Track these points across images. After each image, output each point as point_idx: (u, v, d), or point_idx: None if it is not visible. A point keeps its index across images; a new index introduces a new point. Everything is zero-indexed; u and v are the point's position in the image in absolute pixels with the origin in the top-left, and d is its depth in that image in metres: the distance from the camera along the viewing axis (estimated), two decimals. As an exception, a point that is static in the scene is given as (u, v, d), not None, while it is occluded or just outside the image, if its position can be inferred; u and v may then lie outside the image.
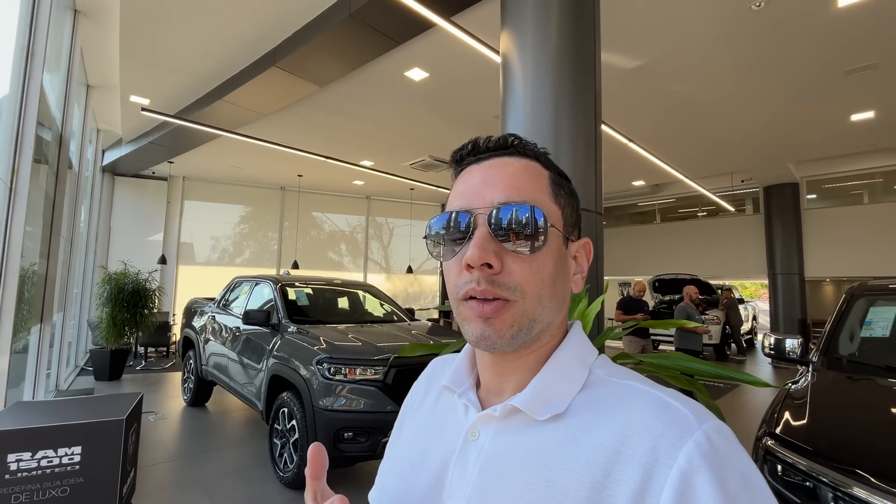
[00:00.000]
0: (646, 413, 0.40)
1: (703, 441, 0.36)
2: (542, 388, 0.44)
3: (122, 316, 6.30)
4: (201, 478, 3.23)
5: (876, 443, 1.40)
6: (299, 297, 4.42)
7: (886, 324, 2.08)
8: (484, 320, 0.43)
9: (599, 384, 0.45)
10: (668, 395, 0.41)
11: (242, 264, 10.65)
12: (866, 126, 6.43)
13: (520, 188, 0.45)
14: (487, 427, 0.46)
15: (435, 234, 0.47)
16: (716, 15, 3.89)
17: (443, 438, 0.50)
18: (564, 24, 2.64)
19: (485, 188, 0.46)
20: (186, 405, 5.09)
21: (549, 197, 0.47)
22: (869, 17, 3.85)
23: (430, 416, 0.55)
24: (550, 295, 0.45)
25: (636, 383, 0.44)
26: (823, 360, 2.04)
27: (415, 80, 5.15)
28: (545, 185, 0.48)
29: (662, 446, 0.37)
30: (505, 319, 0.43)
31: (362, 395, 2.94)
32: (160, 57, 4.90)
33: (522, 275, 0.43)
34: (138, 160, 8.24)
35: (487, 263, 0.43)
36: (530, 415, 0.43)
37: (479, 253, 0.42)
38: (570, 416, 0.43)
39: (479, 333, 0.44)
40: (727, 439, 0.38)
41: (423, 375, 0.63)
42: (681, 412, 0.39)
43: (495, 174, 0.47)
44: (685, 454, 0.36)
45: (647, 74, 4.93)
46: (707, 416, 0.39)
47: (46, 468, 1.63)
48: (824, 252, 9.44)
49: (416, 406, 0.59)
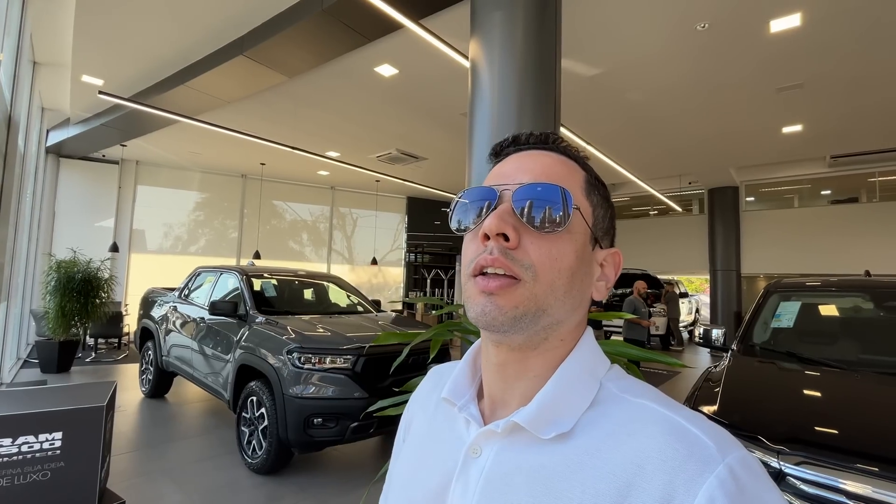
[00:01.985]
0: (662, 441, 0.36)
1: (727, 477, 0.33)
2: (548, 404, 0.41)
3: (71, 306, 6.05)
4: (167, 466, 3.27)
5: (774, 414, 1.71)
6: (266, 287, 4.45)
7: (791, 316, 2.44)
8: (487, 295, 0.41)
9: (611, 401, 0.42)
10: (687, 420, 0.38)
11: (198, 253, 10.32)
12: (795, 137, 7.09)
13: (551, 175, 0.45)
14: (490, 444, 0.43)
15: (460, 206, 0.47)
16: (666, 32, 4.21)
17: (444, 454, 0.47)
18: (529, 34, 2.85)
19: (518, 172, 0.45)
20: (145, 396, 5.00)
21: (581, 191, 0.46)
22: (797, 41, 4.29)
23: (430, 429, 0.52)
24: (566, 288, 0.42)
25: (652, 403, 0.40)
26: (740, 346, 2.38)
27: (384, 75, 5.22)
28: (579, 180, 0.47)
29: (680, 481, 0.34)
30: (509, 298, 0.41)
31: (331, 382, 3.07)
32: (119, 38, 4.71)
33: (538, 255, 0.42)
34: (87, 142, 7.81)
35: (504, 235, 0.41)
36: (534, 433, 0.41)
37: (497, 222, 0.41)
38: (576, 437, 0.40)
39: (479, 309, 0.42)
40: (753, 474, 0.35)
41: (423, 384, 0.60)
42: (701, 442, 0.36)
43: (530, 161, 0.46)
44: (706, 492, 0.33)
45: (605, 83, 5.25)
46: (732, 447, 0.36)
47: (27, 453, 1.69)
48: (759, 251, 10.30)
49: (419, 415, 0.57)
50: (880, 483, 1.28)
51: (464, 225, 0.46)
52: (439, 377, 0.58)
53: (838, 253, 9.26)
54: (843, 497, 1.31)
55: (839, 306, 2.50)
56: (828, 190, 10.00)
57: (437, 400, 0.54)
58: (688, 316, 11.64)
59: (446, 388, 0.50)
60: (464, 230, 0.46)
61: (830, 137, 7.19)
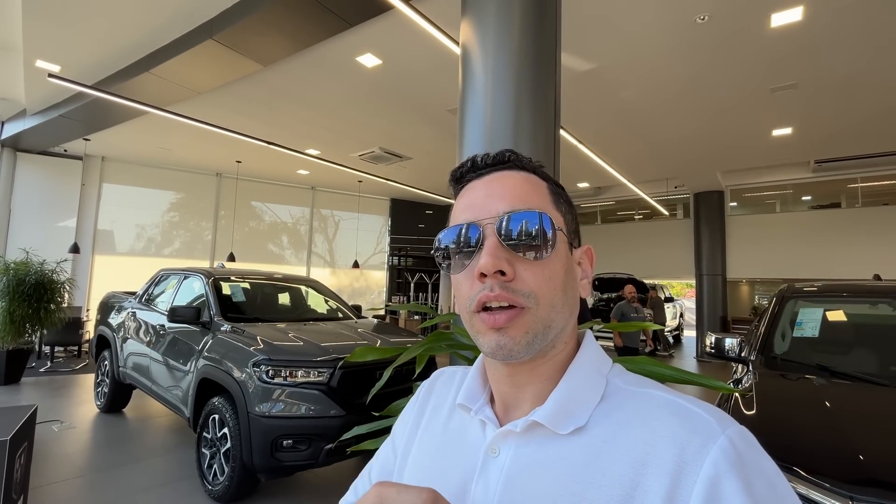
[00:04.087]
0: (669, 421, 0.40)
1: (728, 447, 0.37)
2: (564, 401, 0.44)
3: (22, 311, 5.54)
4: (113, 495, 2.86)
5: (832, 448, 1.44)
6: (235, 292, 4.07)
7: (815, 325, 2.22)
8: (497, 330, 0.43)
9: (618, 394, 0.45)
10: (688, 402, 0.41)
11: (171, 255, 9.79)
12: (784, 141, 7.04)
13: (523, 198, 0.46)
14: (507, 443, 0.45)
15: (444, 248, 0.48)
16: (665, 25, 4.02)
17: (460, 457, 0.49)
18: (527, 15, 2.58)
19: (490, 200, 0.46)
20: (100, 411, 4.55)
21: (551, 205, 0.48)
22: (797, 38, 4.16)
23: (443, 435, 0.53)
24: (562, 300, 0.45)
25: (655, 391, 0.44)
26: (761, 358, 2.14)
27: (367, 66, 4.92)
28: (546, 194, 0.49)
29: (688, 453, 0.37)
30: (519, 327, 0.43)
31: (304, 399, 2.73)
32: (75, 18, 4.29)
33: (536, 281, 0.43)
34: (46, 135, 7.27)
35: (500, 271, 0.43)
36: (553, 429, 0.43)
37: (491, 261, 0.43)
38: (592, 429, 0.43)
39: (494, 344, 0.43)
40: (751, 444, 0.38)
41: (422, 389, 0.61)
42: (703, 418, 0.39)
43: (498, 186, 0.47)
44: (711, 460, 0.36)
45: (598, 78, 5.05)
46: (729, 422, 0.39)
47: None
48: (743, 255, 10.30)
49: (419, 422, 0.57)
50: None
51: (454, 265, 0.47)
52: (448, 380, 0.59)
53: (820, 257, 9.31)
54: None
55: (865, 313, 2.30)
56: (809, 196, 10.08)
57: (449, 403, 0.55)
58: (672, 321, 11.58)
59: (461, 394, 0.52)
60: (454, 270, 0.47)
61: (817, 142, 7.17)
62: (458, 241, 0.46)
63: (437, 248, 0.49)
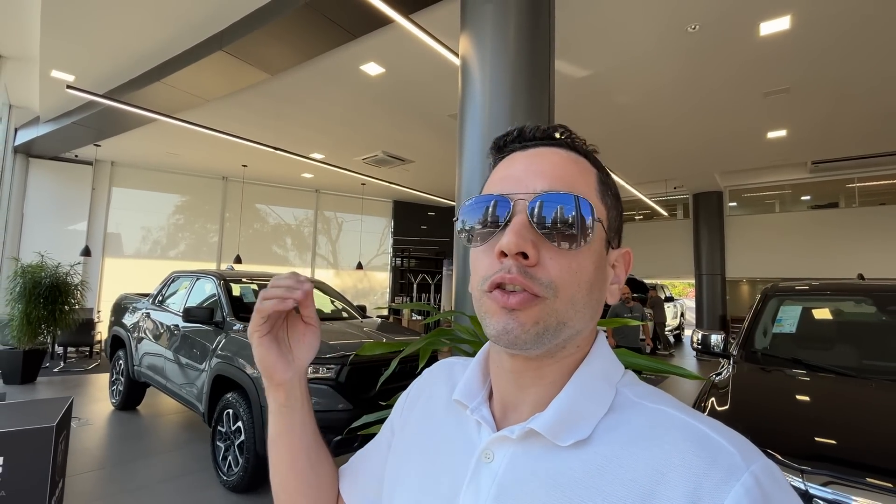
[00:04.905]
0: (684, 448, 0.35)
1: (753, 486, 0.32)
2: (565, 411, 0.40)
3: (38, 313, 5.72)
4: (134, 486, 3.04)
5: (792, 428, 1.60)
6: (244, 293, 4.24)
7: (793, 321, 2.36)
8: (508, 311, 0.39)
9: (628, 407, 0.41)
10: (708, 427, 0.37)
11: (178, 257, 9.98)
12: (779, 143, 7.17)
13: (566, 179, 0.42)
14: (503, 449, 0.42)
15: (468, 218, 0.43)
16: (657, 33, 4.17)
17: (453, 458, 0.46)
18: (522, 29, 2.74)
19: (528, 176, 0.42)
20: (115, 409, 4.73)
21: (596, 194, 0.44)
22: (785, 45, 4.29)
23: (440, 429, 0.50)
24: (585, 300, 0.41)
25: (671, 409, 0.39)
26: (742, 353, 2.29)
27: (370, 74, 5.08)
28: (593, 182, 0.44)
29: (705, 489, 0.33)
30: (530, 314, 0.39)
31: (314, 393, 2.89)
32: (90, 30, 4.48)
33: (559, 272, 0.39)
34: (59, 141, 7.47)
35: (523, 253, 0.39)
36: (551, 440, 0.39)
37: (515, 240, 0.38)
38: (594, 444, 0.39)
39: (501, 326, 0.39)
40: (777, 483, 0.34)
41: (427, 376, 0.58)
42: (725, 449, 0.35)
43: (541, 162, 0.43)
44: (733, 500, 0.32)
45: (595, 84, 5.19)
46: (755, 455, 0.35)
47: (-39, 483, 1.49)
48: (742, 255, 10.41)
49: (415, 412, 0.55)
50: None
51: (475, 237, 0.43)
52: (449, 371, 0.56)
53: (819, 257, 9.41)
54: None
55: (842, 310, 2.44)
56: (808, 196, 10.18)
57: (446, 397, 0.51)
58: (673, 320, 11.69)
59: (458, 389, 0.48)
60: (474, 243, 0.43)
61: (813, 143, 7.29)
62: (485, 212, 0.42)
63: (460, 218, 0.44)
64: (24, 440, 1.59)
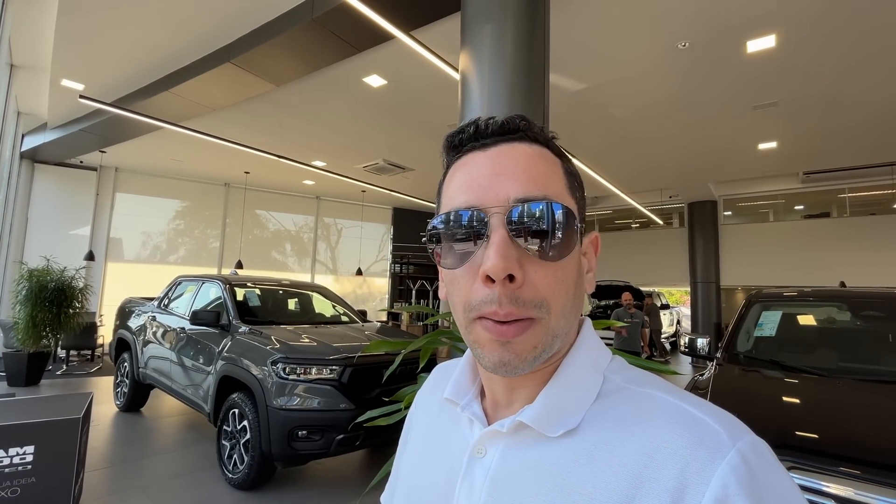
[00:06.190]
0: (671, 429, 0.36)
1: (739, 463, 0.32)
2: (553, 402, 0.40)
3: (43, 316, 5.82)
4: (143, 482, 3.14)
5: (760, 420, 1.73)
6: (249, 297, 4.36)
7: (773, 326, 2.50)
8: (503, 344, 0.38)
9: (616, 392, 0.41)
10: (695, 408, 0.37)
11: (178, 262, 10.08)
12: (770, 154, 7.35)
13: (538, 181, 0.40)
14: (494, 443, 0.42)
15: (439, 235, 0.41)
16: (649, 50, 4.35)
17: (447, 455, 0.46)
18: (519, 46, 2.90)
19: (498, 180, 0.40)
20: (119, 410, 4.82)
21: (566, 190, 0.42)
22: (772, 62, 4.47)
23: (433, 429, 0.51)
24: (573, 303, 0.41)
25: (658, 392, 0.39)
26: (725, 355, 2.42)
27: (373, 86, 5.25)
28: (561, 175, 0.43)
29: (692, 469, 0.33)
30: (528, 341, 0.38)
31: (317, 393, 3.01)
32: (102, 42, 4.64)
33: (547, 286, 0.38)
34: (65, 148, 7.61)
35: (510, 275, 0.37)
36: (541, 431, 0.39)
37: (502, 263, 0.36)
38: (584, 431, 0.39)
39: (497, 360, 0.38)
40: (765, 459, 0.34)
41: (426, 384, 0.59)
42: (711, 428, 0.35)
43: (508, 163, 0.41)
44: (719, 479, 0.32)
45: (590, 98, 5.37)
46: (742, 432, 0.35)
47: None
48: (737, 263, 10.56)
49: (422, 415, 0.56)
50: (862, 485, 1.32)
51: (450, 257, 0.41)
52: (443, 374, 0.56)
53: (812, 265, 9.56)
54: (830, 500, 1.33)
55: (818, 316, 2.58)
56: (801, 205, 10.36)
57: (440, 399, 0.52)
58: (669, 328, 11.82)
59: (448, 387, 0.48)
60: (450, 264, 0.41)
61: (803, 154, 7.47)
62: (458, 229, 0.39)
63: (431, 234, 0.42)
64: (54, 430, 1.71)
